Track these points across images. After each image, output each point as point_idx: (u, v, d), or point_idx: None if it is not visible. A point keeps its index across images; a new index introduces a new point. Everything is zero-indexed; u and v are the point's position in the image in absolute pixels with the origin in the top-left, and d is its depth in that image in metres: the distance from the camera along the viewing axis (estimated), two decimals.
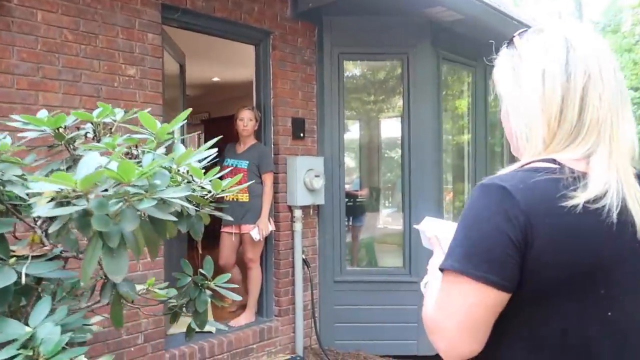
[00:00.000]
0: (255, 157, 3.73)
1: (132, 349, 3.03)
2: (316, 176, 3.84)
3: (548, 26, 0.84)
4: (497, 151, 5.49)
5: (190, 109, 1.67)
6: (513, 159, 0.93)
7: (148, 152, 1.26)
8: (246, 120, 3.75)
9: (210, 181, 1.38)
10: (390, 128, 4.98)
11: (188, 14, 3.33)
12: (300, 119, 3.97)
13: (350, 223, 4.84)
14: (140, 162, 1.24)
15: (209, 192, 1.48)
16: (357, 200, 4.94)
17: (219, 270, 4.10)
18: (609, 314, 0.76)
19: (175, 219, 1.12)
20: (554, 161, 0.79)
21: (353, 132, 5.25)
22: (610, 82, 0.78)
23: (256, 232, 3.60)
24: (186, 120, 1.58)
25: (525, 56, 0.83)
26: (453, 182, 5.04)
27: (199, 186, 1.35)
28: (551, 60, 0.80)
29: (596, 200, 0.74)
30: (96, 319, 2.15)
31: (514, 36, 0.88)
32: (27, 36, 2.62)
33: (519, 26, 4.49)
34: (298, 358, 3.84)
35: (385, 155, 5.22)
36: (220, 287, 1.57)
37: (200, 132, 9.73)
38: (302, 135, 3.97)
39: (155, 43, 3.13)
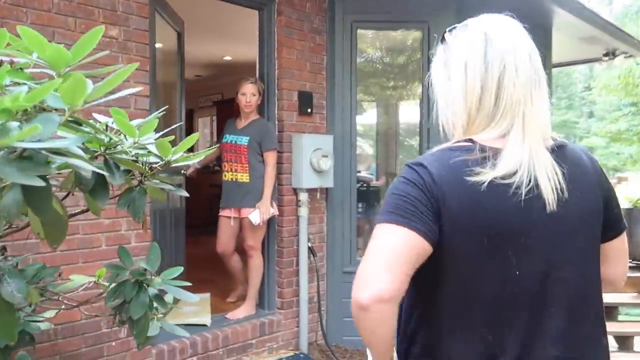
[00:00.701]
0: (257, 133, 3.36)
1: (114, 344, 2.72)
2: (324, 156, 3.46)
3: (472, 22, 0.94)
4: None
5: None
6: None
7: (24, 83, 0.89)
8: (249, 95, 3.38)
9: (155, 143, 1.02)
10: (409, 109, 4.57)
11: None
12: (307, 92, 3.59)
13: (363, 210, 4.47)
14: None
15: (160, 158, 1.13)
16: (372, 186, 4.57)
17: (217, 258, 3.88)
18: (517, 272, 0.85)
19: (43, 183, 0.74)
20: (471, 141, 0.89)
21: (368, 112, 4.86)
22: (525, 70, 0.89)
23: (256, 215, 3.25)
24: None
25: (453, 51, 0.94)
26: None
27: (134, 147, 0.99)
28: (472, 54, 0.90)
29: (506, 177, 0.83)
30: (48, 313, 1.84)
31: (445, 32, 0.97)
32: None
33: None
34: (302, 355, 3.50)
35: (405, 143, 4.81)
36: (170, 285, 1.20)
37: (213, 114, 9.44)
38: (309, 111, 3.59)
39: (141, 1, 2.77)
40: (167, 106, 1.60)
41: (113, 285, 1.18)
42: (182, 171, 3.62)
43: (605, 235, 0.96)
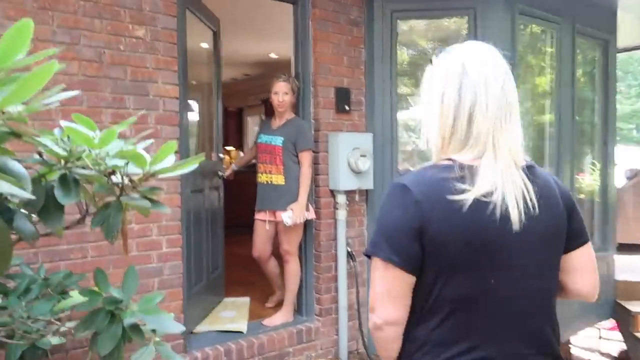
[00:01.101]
0: (292, 132, 3.20)
1: None
2: (362, 156, 3.27)
3: (454, 49, 1.04)
4: (587, 130, 4.59)
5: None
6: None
7: None
8: (281, 94, 3.23)
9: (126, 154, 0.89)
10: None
11: None
12: (344, 89, 3.41)
13: None
14: None
15: (147, 172, 1.00)
16: None
17: (253, 263, 3.78)
18: (492, 281, 0.95)
19: None
20: (451, 160, 0.98)
21: (413, 108, 4.60)
22: (495, 100, 0.97)
23: (288, 216, 3.11)
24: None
25: (436, 76, 1.04)
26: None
27: (103, 159, 0.86)
28: (449, 84, 1.00)
29: (486, 195, 0.93)
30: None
31: (433, 56, 1.07)
32: None
33: None
34: None
35: None
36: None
37: (261, 112, 9.42)
38: (347, 108, 3.41)
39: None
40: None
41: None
42: (219, 173, 3.55)
43: (571, 244, 1.05)
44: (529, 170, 0.99)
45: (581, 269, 1.07)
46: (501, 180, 0.94)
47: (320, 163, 3.34)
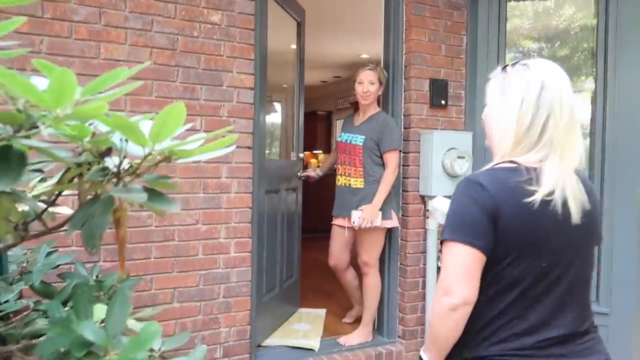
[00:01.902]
0: (375, 130, 2.82)
1: None
2: (460, 157, 2.82)
3: (533, 65, 1.16)
4: None
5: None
6: None
7: None
8: (366, 84, 2.86)
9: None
10: (578, 103, 3.65)
11: None
12: (442, 81, 2.98)
13: None
14: None
15: (151, 152, 0.71)
16: None
17: (329, 273, 3.45)
18: (544, 264, 1.09)
19: None
20: (514, 162, 1.12)
21: None
22: (565, 116, 1.12)
23: (357, 216, 2.74)
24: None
25: (513, 84, 1.15)
26: None
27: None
28: (529, 93, 1.13)
29: (548, 195, 1.07)
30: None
31: (506, 65, 1.20)
32: None
33: None
34: None
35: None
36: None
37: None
38: (443, 102, 2.98)
39: None
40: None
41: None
42: (298, 174, 3.28)
43: (598, 239, 1.23)
44: (579, 175, 1.16)
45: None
46: (562, 181, 1.09)
47: (410, 165, 2.94)
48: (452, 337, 1.12)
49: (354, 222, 2.77)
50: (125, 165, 0.73)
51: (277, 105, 3.51)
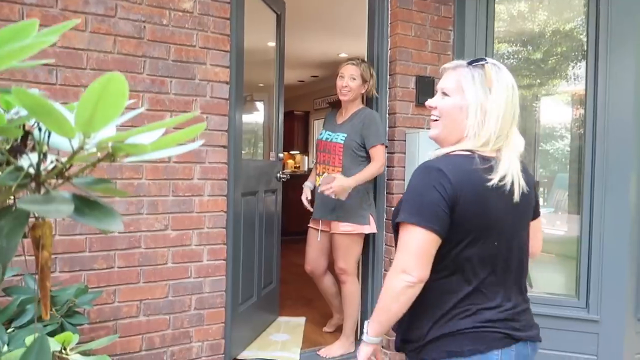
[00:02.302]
0: (357, 127, 2.66)
1: None
2: None
3: (500, 66, 1.28)
4: None
5: None
6: None
7: None
8: (347, 79, 2.70)
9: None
10: (568, 99, 3.56)
11: None
12: (428, 78, 2.84)
13: None
14: None
15: (82, 143, 0.52)
16: None
17: (307, 278, 3.26)
18: (496, 244, 1.22)
19: None
20: (469, 151, 1.23)
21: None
22: (516, 112, 1.28)
23: (326, 181, 2.54)
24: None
25: (495, 84, 1.25)
26: None
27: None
28: (510, 94, 1.26)
29: (501, 180, 1.19)
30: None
31: (482, 61, 1.29)
32: None
33: None
34: None
35: (556, 145, 3.80)
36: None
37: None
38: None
39: None
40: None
41: None
42: (278, 175, 3.09)
43: (534, 215, 1.38)
44: (521, 163, 1.31)
45: (534, 235, 1.40)
46: (512, 168, 1.23)
47: (395, 166, 2.79)
48: (401, 312, 1.21)
49: (320, 188, 2.59)
50: (49, 165, 0.55)
51: (257, 104, 3.32)
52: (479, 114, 1.24)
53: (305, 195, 2.86)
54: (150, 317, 2.17)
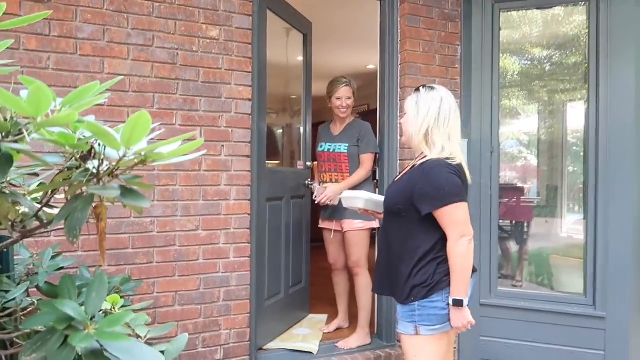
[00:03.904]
0: (355, 136, 3.08)
1: None
2: None
3: (435, 87, 1.90)
4: None
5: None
6: None
7: None
8: (344, 99, 3.13)
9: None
10: (574, 111, 3.69)
11: None
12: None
13: (511, 230, 3.76)
14: None
15: (124, 155, 0.80)
16: (523, 202, 3.83)
17: (331, 281, 3.51)
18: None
19: None
20: (452, 158, 1.81)
21: (523, 116, 4.10)
22: (457, 119, 1.86)
23: (319, 191, 3.06)
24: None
25: (426, 99, 1.85)
26: None
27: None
28: (436, 108, 1.83)
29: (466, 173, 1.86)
30: None
31: (420, 87, 1.91)
32: None
33: None
34: None
35: (574, 147, 3.93)
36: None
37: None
38: None
39: None
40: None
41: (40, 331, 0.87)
42: (307, 182, 3.34)
43: None
44: None
45: None
46: (464, 162, 1.83)
47: None
48: (471, 267, 1.77)
49: (315, 196, 3.07)
50: (104, 167, 0.83)
51: (282, 116, 3.63)
52: (418, 125, 1.86)
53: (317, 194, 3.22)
54: (184, 306, 2.47)
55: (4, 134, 0.69)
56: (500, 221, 3.28)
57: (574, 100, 3.65)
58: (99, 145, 0.81)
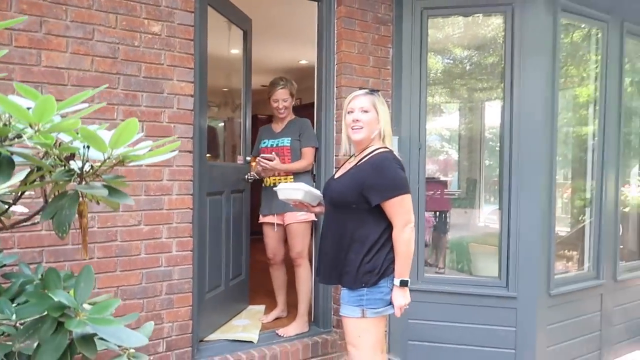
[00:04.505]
0: (296, 132, 3.24)
1: (151, 358, 2.57)
2: None
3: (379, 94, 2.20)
4: (634, 141, 4.26)
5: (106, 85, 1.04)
6: None
7: None
8: (281, 101, 3.29)
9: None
10: (491, 109, 4.05)
11: None
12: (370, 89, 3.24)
13: (435, 220, 4.07)
14: None
15: (109, 156, 0.87)
16: (446, 194, 4.15)
17: (267, 272, 3.63)
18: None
19: None
20: (386, 148, 2.10)
21: (444, 114, 4.43)
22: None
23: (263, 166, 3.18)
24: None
25: (383, 102, 2.16)
26: (573, 177, 3.98)
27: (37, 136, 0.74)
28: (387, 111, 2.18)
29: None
30: None
31: (371, 90, 2.21)
32: None
33: None
34: None
35: (490, 142, 4.30)
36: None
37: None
38: None
39: None
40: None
41: (29, 320, 0.93)
42: (246, 177, 3.40)
43: None
44: None
45: None
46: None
47: None
48: (413, 249, 2.05)
49: (258, 168, 3.21)
50: (87, 167, 0.90)
51: (223, 110, 3.67)
52: (382, 122, 2.09)
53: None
54: (126, 301, 2.48)
55: (2, 138, 0.74)
56: (425, 213, 3.54)
57: (491, 98, 4.01)
58: (84, 147, 0.87)
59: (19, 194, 1.01)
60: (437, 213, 4.13)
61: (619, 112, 3.70)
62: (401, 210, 1.96)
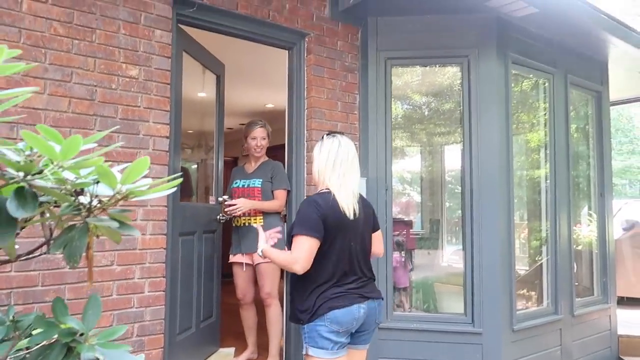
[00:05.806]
0: (269, 173, 3.33)
1: None
2: None
3: (334, 135, 2.25)
4: (582, 184, 4.57)
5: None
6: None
7: None
8: (259, 139, 3.42)
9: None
10: (450, 152, 4.29)
11: (205, 9, 2.91)
12: (338, 133, 3.39)
13: (403, 260, 4.18)
14: None
15: (118, 192, 0.93)
16: (412, 235, 4.29)
17: (237, 315, 3.61)
18: (345, 242, 2.10)
19: None
20: (328, 190, 2.13)
21: (407, 157, 4.63)
22: (348, 162, 2.16)
23: (234, 205, 3.22)
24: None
25: (327, 144, 2.21)
26: (529, 218, 4.21)
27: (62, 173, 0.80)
28: (334, 150, 2.17)
29: (342, 206, 2.08)
30: None
31: (325, 135, 2.29)
32: (9, 28, 2.27)
33: (608, 22, 3.72)
34: None
35: (450, 185, 4.51)
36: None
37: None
38: None
39: (164, 41, 2.71)
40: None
41: (37, 347, 0.95)
42: (218, 217, 3.42)
43: (374, 228, 2.29)
44: (360, 197, 2.22)
45: (375, 241, 2.30)
46: (346, 198, 2.10)
47: None
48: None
49: (225, 212, 3.25)
50: (95, 202, 0.95)
51: (197, 152, 3.73)
52: (319, 166, 2.17)
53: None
54: None
55: (25, 173, 0.80)
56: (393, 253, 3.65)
57: (449, 142, 4.25)
58: (94, 182, 0.93)
59: (20, 229, 1.05)
60: (403, 252, 4.25)
61: (567, 156, 3.99)
62: (299, 248, 1.99)
